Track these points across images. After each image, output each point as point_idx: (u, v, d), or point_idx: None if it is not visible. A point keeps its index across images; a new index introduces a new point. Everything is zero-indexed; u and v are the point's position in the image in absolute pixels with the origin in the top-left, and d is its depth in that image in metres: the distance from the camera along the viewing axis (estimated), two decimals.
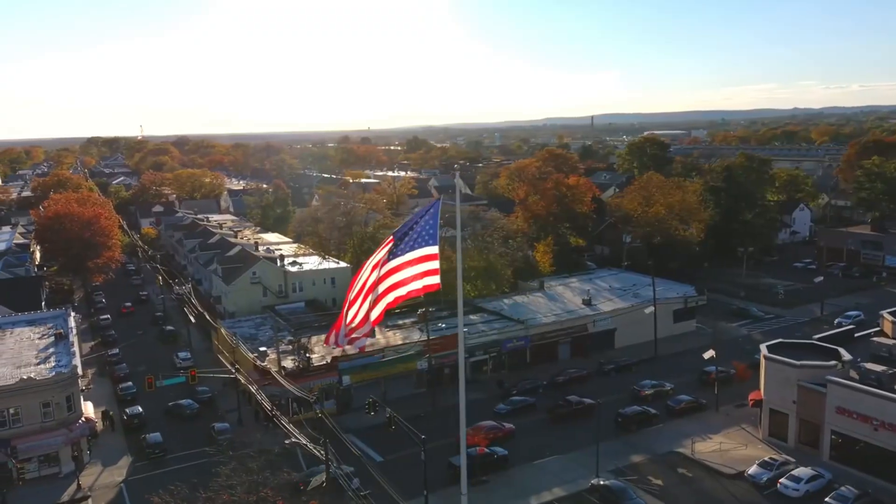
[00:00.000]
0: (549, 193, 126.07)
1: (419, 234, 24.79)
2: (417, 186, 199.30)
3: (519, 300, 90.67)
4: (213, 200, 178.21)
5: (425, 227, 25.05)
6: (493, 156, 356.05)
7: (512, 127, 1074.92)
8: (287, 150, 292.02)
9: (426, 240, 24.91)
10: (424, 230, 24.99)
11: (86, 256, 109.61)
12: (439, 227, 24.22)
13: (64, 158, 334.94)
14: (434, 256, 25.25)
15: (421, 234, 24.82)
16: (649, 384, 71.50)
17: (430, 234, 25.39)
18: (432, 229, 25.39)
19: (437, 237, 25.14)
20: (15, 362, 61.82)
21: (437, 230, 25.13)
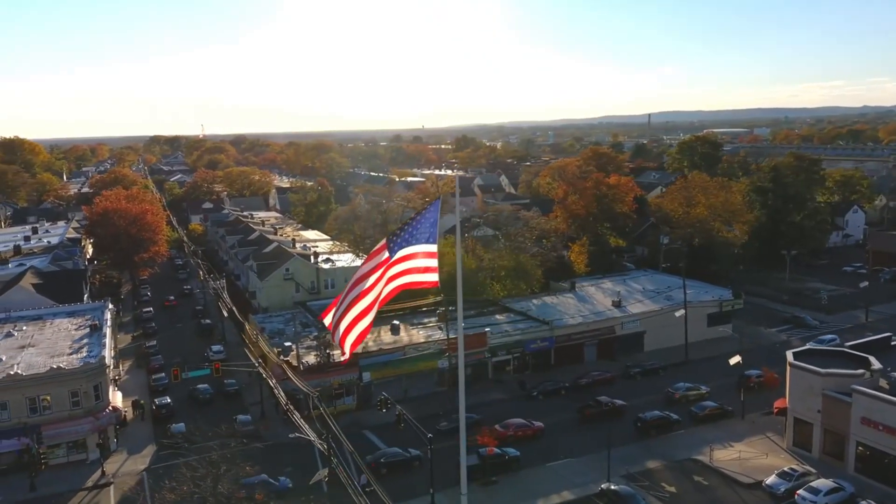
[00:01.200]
0: (588, 193, 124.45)
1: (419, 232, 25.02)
2: (461, 185, 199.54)
3: (548, 301, 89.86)
4: (260, 198, 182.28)
5: (426, 226, 25.29)
6: (544, 154, 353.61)
7: (567, 125, 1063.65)
8: (337, 148, 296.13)
9: (426, 238, 25.14)
10: (425, 229, 25.22)
11: (133, 251, 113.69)
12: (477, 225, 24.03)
13: (126, 156, 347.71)
14: (433, 254, 25.42)
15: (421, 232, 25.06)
16: (683, 387, 70.02)
17: (430, 232, 25.62)
18: (432, 228, 25.60)
19: (437, 236, 25.33)
20: (49, 352, 64.64)
21: (436, 229, 25.30)
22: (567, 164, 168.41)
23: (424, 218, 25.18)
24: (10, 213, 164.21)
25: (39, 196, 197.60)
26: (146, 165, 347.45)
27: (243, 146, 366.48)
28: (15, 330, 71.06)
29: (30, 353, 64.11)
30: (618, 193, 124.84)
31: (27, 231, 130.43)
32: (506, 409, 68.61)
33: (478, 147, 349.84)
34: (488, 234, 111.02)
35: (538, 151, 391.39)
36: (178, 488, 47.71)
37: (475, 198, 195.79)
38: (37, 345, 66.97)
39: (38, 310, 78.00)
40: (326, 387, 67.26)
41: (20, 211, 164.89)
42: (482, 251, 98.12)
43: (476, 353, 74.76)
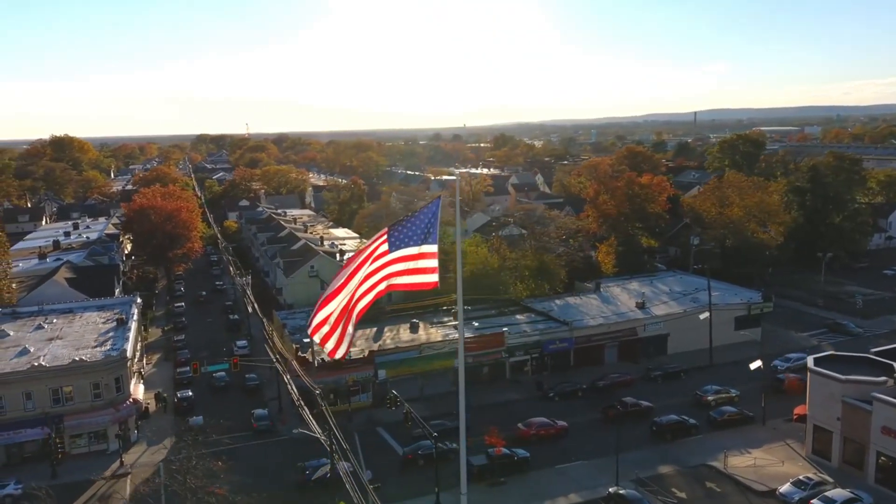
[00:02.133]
0: (619, 192, 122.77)
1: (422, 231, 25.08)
2: (495, 184, 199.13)
3: (571, 301, 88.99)
4: (296, 196, 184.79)
5: (426, 226, 25.33)
6: (584, 153, 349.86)
7: (610, 124, 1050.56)
8: (376, 147, 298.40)
9: (426, 238, 25.19)
10: (426, 228, 25.27)
11: (167, 247, 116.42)
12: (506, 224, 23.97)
13: (172, 154, 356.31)
14: (433, 255, 25.45)
15: (423, 231, 25.12)
16: (712, 389, 68.64)
17: (430, 231, 25.67)
18: (433, 227, 25.64)
19: (437, 236, 25.39)
20: (75, 344, 66.65)
21: (437, 228, 25.32)
22: (599, 163, 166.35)
23: (425, 216, 25.19)
24: (55, 210, 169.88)
25: (85, 193, 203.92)
26: (192, 164, 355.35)
27: (285, 145, 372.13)
28: (45, 322, 73.44)
29: (56, 346, 66.21)
30: (650, 193, 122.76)
31: (68, 227, 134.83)
32: (521, 409, 68.25)
33: (515, 146, 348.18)
34: (514, 234, 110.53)
35: (578, 150, 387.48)
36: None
37: (509, 196, 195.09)
38: (64, 337, 69.11)
39: (70, 303, 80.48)
40: (342, 384, 67.94)
41: (65, 207, 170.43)
42: (506, 250, 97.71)
43: (493, 352, 74.54)
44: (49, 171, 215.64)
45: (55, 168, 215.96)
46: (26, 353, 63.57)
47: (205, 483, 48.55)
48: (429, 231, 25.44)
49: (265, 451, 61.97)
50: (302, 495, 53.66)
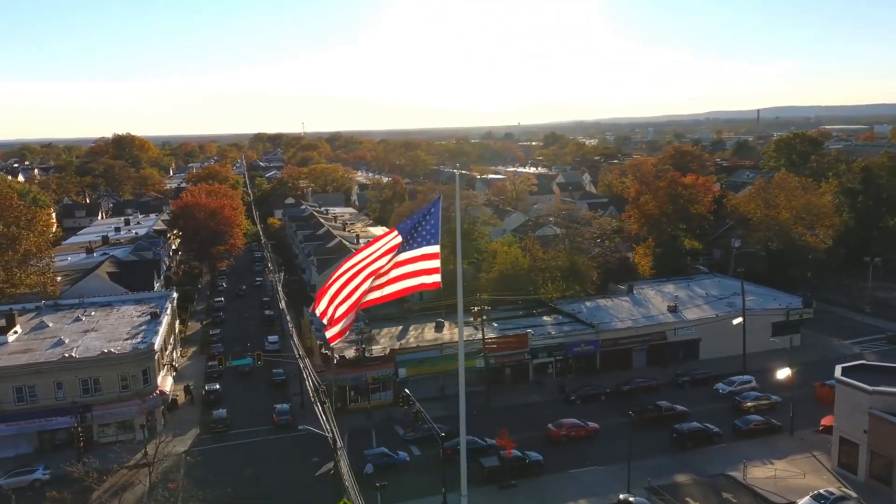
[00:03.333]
0: (661, 192, 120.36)
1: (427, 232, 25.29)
2: (540, 183, 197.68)
3: (602, 303, 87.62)
4: (342, 194, 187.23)
5: (427, 226, 25.52)
6: (637, 152, 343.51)
7: (669, 122, 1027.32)
8: (425, 146, 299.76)
9: (427, 238, 25.37)
10: (426, 229, 25.46)
11: (210, 243, 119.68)
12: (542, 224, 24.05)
13: (228, 153, 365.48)
14: (435, 255, 25.62)
15: (423, 232, 25.31)
16: (752, 395, 66.65)
17: (431, 232, 25.83)
18: (434, 228, 25.78)
19: (439, 236, 25.53)
20: (108, 336, 69.13)
21: (438, 229, 25.46)
22: (642, 163, 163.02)
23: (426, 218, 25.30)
24: (110, 206, 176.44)
25: (141, 190, 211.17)
26: (248, 162, 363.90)
27: (337, 143, 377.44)
28: (84, 315, 76.40)
29: (90, 337, 68.79)
30: (694, 193, 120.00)
31: (120, 223, 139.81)
32: (542, 412, 67.62)
33: (564, 144, 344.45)
34: (548, 234, 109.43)
35: (633, 149, 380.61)
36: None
37: (553, 196, 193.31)
38: (99, 329, 71.75)
39: (109, 297, 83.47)
40: (362, 381, 68.56)
41: (120, 204, 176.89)
42: (539, 251, 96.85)
43: (516, 354, 74.00)
44: (108, 169, 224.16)
45: (114, 165, 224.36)
46: (61, 343, 66.28)
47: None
48: (430, 232, 25.55)
49: (282, 445, 63.00)
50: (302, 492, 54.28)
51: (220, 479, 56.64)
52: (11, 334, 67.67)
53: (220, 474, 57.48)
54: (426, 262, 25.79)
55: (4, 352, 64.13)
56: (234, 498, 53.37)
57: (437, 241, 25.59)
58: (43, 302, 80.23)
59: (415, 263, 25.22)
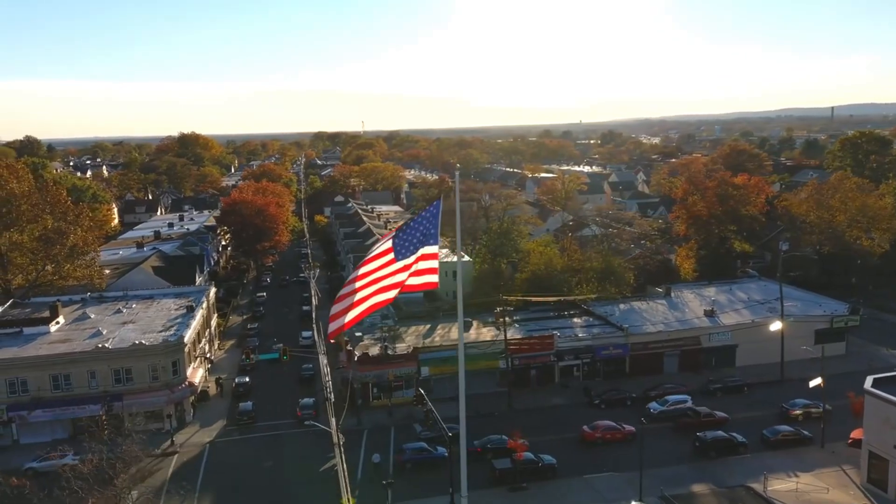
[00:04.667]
0: (710, 193, 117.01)
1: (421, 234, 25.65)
2: (591, 182, 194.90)
3: (637, 305, 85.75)
4: (390, 192, 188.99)
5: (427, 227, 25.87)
6: (700, 150, 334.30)
7: (739, 119, 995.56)
8: (478, 144, 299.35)
9: (427, 239, 25.74)
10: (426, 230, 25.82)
11: (256, 239, 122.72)
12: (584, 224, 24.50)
13: (288, 151, 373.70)
14: (434, 256, 25.97)
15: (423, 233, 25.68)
16: (801, 403, 64.31)
17: (430, 233, 26.17)
18: (433, 229, 26.14)
19: (438, 237, 25.83)
20: (144, 329, 71.70)
21: (437, 230, 25.80)
22: (692, 162, 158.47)
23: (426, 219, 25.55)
24: (169, 202, 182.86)
25: (200, 187, 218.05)
26: (306, 160, 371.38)
27: (394, 142, 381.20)
28: (124, 307, 79.43)
29: (127, 329, 71.48)
30: (744, 194, 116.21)
31: (175, 218, 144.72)
32: (566, 414, 66.99)
33: (621, 143, 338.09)
34: (587, 235, 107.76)
35: (697, 147, 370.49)
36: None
37: (604, 196, 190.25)
38: (137, 322, 74.49)
39: (151, 290, 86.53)
40: (384, 379, 69.10)
41: (178, 200, 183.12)
42: (575, 251, 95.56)
43: (541, 355, 73.20)
44: (171, 166, 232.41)
45: (176, 163, 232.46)
46: (98, 335, 69.11)
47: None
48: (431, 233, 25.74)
49: (304, 439, 64.01)
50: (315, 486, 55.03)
51: (239, 469, 58.21)
52: (53, 325, 70.90)
53: (240, 465, 59.04)
54: (425, 262, 26.00)
55: (45, 341, 67.28)
56: (250, 488, 54.66)
57: (437, 242, 25.71)
58: (88, 294, 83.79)
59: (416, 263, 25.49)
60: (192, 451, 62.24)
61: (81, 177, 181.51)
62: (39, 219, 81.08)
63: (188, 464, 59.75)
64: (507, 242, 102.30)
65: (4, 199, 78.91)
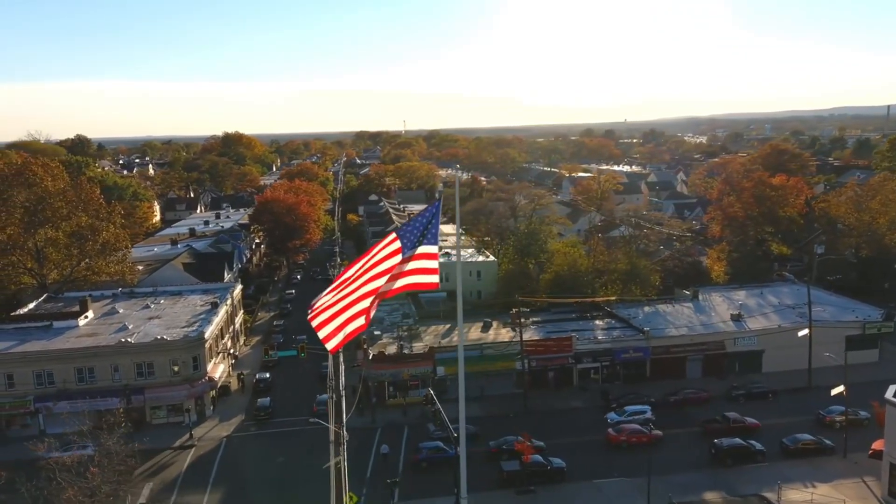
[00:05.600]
0: (746, 194, 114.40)
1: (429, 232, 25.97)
2: (629, 182, 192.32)
3: (662, 308, 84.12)
4: (424, 191, 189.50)
5: (427, 227, 26.16)
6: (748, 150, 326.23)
7: (791, 117, 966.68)
8: (516, 143, 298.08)
9: (428, 239, 26.03)
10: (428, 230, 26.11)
11: (287, 237, 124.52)
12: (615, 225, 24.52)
13: (328, 150, 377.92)
14: (434, 255, 26.23)
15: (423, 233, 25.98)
16: (838, 410, 62.18)
17: (432, 233, 26.47)
18: (434, 228, 26.41)
19: (437, 236, 26.11)
20: (168, 324, 73.39)
21: (437, 229, 26.07)
22: (729, 162, 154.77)
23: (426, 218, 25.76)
24: (209, 200, 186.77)
25: (239, 186, 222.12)
26: (347, 159, 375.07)
27: (433, 141, 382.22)
28: (153, 303, 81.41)
29: (152, 324, 73.26)
30: (782, 195, 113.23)
31: (211, 216, 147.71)
32: (582, 418, 66.44)
33: (664, 141, 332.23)
34: (615, 236, 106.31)
35: (744, 146, 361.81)
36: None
37: (641, 196, 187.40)
38: (162, 317, 76.29)
39: (180, 286, 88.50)
40: (399, 378, 69.36)
41: (218, 198, 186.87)
42: (601, 252, 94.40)
43: (559, 357, 72.50)
44: (213, 165, 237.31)
45: (218, 162, 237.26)
46: (124, 329, 70.99)
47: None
48: (431, 233, 25.87)
49: (319, 435, 64.42)
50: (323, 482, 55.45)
51: (252, 464, 59.17)
52: (82, 319, 73.07)
53: (253, 460, 60.02)
54: (425, 262, 26.02)
55: (73, 335, 69.42)
56: (260, 483, 55.51)
57: (437, 242, 25.76)
58: (120, 290, 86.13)
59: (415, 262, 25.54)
60: (209, 444, 63.47)
61: (123, 175, 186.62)
62: (73, 216, 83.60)
63: (204, 457, 60.97)
64: (535, 243, 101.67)
65: (39, 196, 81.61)
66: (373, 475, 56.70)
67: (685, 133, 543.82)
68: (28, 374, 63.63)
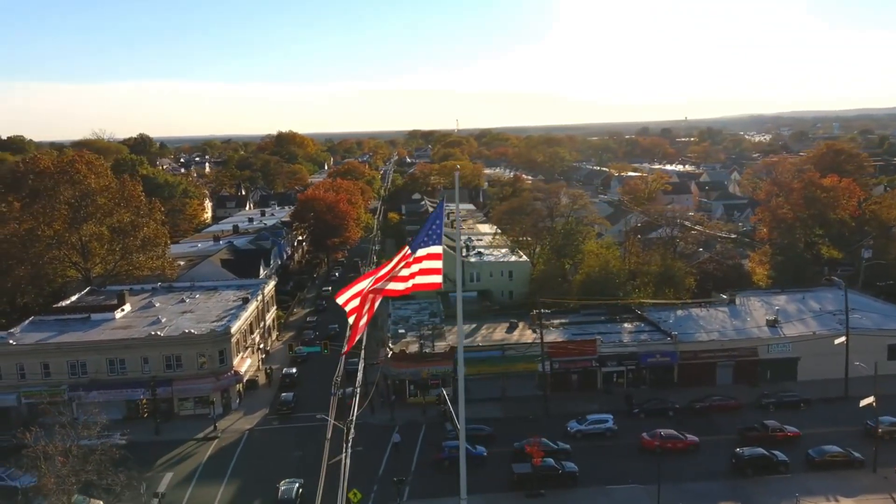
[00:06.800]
0: (796, 195, 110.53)
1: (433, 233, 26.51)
2: (679, 182, 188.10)
3: (696, 312, 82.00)
4: (469, 190, 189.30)
5: (431, 228, 26.68)
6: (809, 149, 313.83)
7: (861, 115, 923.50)
8: (567, 142, 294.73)
9: (432, 239, 26.56)
10: (432, 230, 26.63)
11: (327, 235, 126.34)
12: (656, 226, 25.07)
13: (379, 149, 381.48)
14: (438, 256, 26.73)
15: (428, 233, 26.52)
16: (888, 420, 60.04)
17: (435, 234, 26.97)
18: (438, 229, 26.91)
19: (442, 237, 26.55)
20: (200, 318, 75.41)
21: (441, 230, 26.55)
22: (779, 162, 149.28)
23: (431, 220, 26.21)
24: (258, 198, 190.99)
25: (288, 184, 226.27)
26: (398, 158, 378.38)
27: (484, 139, 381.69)
28: (188, 297, 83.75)
29: (185, 318, 75.41)
30: (833, 197, 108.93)
31: (257, 214, 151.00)
32: None
33: (720, 140, 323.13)
34: (654, 237, 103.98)
35: (810, 145, 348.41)
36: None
37: (691, 196, 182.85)
38: (195, 311, 78.43)
39: (216, 282, 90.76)
40: (418, 377, 69.58)
41: (266, 196, 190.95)
42: (636, 254, 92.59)
43: (583, 360, 71.47)
44: (265, 164, 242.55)
45: (269, 161, 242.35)
46: (157, 322, 73.31)
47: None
48: (435, 233, 26.26)
49: (337, 431, 65.27)
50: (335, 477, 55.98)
51: (270, 457, 60.29)
52: (119, 312, 75.75)
53: (271, 453, 61.16)
54: (429, 262, 26.35)
55: (109, 327, 72.07)
56: (274, 476, 56.34)
57: (440, 242, 26.02)
58: (159, 284, 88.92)
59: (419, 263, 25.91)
60: (232, 436, 64.96)
61: (175, 173, 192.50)
62: (115, 212, 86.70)
63: (225, 449, 62.45)
64: (571, 243, 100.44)
65: (83, 193, 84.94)
66: (385, 472, 56.96)
67: (748, 131, 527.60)
68: (62, 364, 66.34)
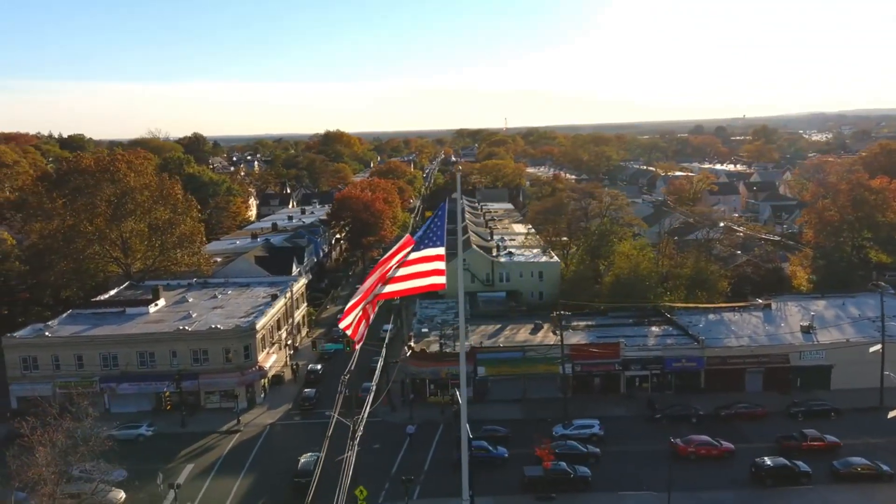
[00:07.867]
0: (843, 197, 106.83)
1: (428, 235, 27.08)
2: (727, 182, 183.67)
3: (728, 317, 79.92)
4: (507, 189, 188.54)
5: (434, 228, 27.23)
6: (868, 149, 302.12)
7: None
8: (614, 141, 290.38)
9: (434, 240, 27.10)
10: (433, 231, 27.19)
11: (363, 233, 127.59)
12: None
13: (425, 148, 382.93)
14: (441, 257, 27.23)
15: (429, 234, 27.09)
16: None
17: (437, 234, 27.49)
18: (440, 230, 27.42)
19: (444, 238, 27.07)
20: (229, 314, 77.14)
21: (444, 231, 27.06)
22: (827, 163, 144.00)
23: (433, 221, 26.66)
24: (301, 196, 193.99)
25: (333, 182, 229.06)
26: (444, 157, 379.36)
27: (531, 138, 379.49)
28: (220, 293, 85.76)
29: (215, 313, 77.28)
30: (883, 199, 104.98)
31: (297, 212, 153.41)
32: (624, 427, 64.28)
33: (776, 139, 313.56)
34: (688, 238, 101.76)
35: (869, 144, 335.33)
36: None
37: (739, 197, 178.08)
38: (226, 307, 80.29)
39: (249, 279, 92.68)
40: (437, 376, 69.74)
41: (308, 195, 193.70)
42: (669, 256, 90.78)
43: (605, 363, 70.49)
44: (311, 163, 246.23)
45: (315, 160, 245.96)
46: (188, 318, 75.27)
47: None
48: (437, 234, 26.63)
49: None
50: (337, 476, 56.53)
51: (288, 451, 61.27)
52: (153, 306, 78.10)
53: (290, 447, 62.11)
54: (432, 263, 26.62)
55: (142, 321, 74.40)
56: (290, 467, 57.12)
57: (443, 244, 26.24)
58: (195, 280, 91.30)
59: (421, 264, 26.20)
60: (254, 430, 66.31)
61: (222, 172, 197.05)
62: (153, 209, 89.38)
63: (246, 442, 63.80)
64: (605, 244, 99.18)
65: (123, 190, 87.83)
66: (398, 470, 57.32)
67: (808, 130, 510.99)
68: (95, 356, 68.76)
